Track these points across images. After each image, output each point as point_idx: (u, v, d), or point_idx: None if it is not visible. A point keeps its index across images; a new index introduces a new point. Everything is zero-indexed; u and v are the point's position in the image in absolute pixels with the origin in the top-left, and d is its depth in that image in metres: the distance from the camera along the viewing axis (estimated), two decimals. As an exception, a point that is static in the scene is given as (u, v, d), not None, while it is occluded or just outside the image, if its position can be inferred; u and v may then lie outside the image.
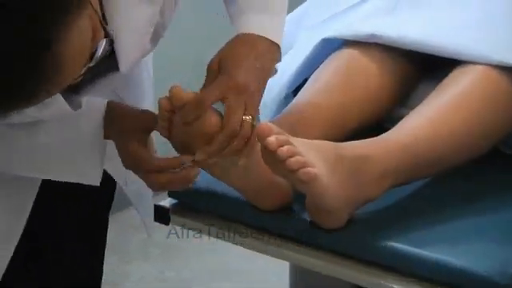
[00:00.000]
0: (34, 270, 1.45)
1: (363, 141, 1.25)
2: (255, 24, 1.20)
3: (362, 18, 1.46)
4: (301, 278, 1.72)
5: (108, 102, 1.23)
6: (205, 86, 1.18)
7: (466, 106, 1.30)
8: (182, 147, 1.19)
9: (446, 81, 1.35)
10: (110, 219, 1.55)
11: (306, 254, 1.24)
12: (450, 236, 1.20)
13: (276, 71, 1.24)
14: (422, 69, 1.47)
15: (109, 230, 1.56)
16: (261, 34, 1.19)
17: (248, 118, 1.15)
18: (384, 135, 1.27)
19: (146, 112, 1.23)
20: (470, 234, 1.20)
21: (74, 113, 1.18)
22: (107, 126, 1.22)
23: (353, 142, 1.25)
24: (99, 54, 1.00)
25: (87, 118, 1.21)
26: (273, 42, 1.21)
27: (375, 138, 1.26)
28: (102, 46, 1.01)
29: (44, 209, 1.37)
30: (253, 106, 1.16)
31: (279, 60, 1.23)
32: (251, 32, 1.19)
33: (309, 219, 1.22)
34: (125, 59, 1.18)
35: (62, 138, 1.21)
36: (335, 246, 1.21)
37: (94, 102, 1.22)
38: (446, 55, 1.37)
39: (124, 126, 1.22)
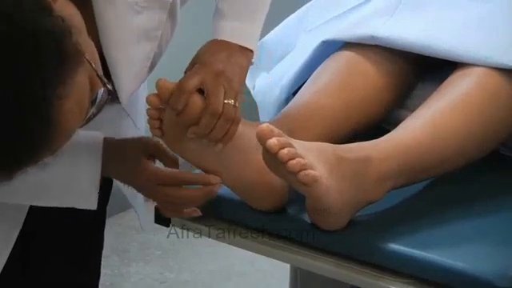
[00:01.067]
0: (31, 271, 1.45)
1: (364, 143, 1.25)
2: (229, 31, 1.24)
3: (362, 20, 1.46)
4: (301, 280, 1.72)
5: (104, 139, 1.25)
6: None
7: (466, 108, 1.30)
8: (174, 141, 1.22)
9: (447, 83, 1.35)
10: (110, 221, 1.55)
11: (307, 256, 1.23)
12: (450, 238, 1.20)
13: (252, 63, 1.27)
14: (422, 70, 1.48)
15: (109, 231, 1.56)
16: (233, 41, 1.23)
17: (230, 101, 1.18)
18: (385, 137, 1.27)
19: (142, 137, 1.27)
20: (470, 237, 1.20)
21: (72, 149, 1.18)
22: (106, 162, 1.24)
23: (353, 143, 1.25)
24: (99, 100, 1.01)
25: (85, 154, 1.23)
26: (245, 47, 1.24)
27: (376, 140, 1.26)
28: (101, 93, 1.01)
29: (40, 210, 1.37)
30: (232, 90, 1.19)
31: (253, 58, 1.26)
32: (224, 39, 1.23)
33: (309, 221, 1.22)
34: (125, 94, 1.23)
35: (59, 172, 1.21)
36: (336, 247, 1.21)
37: (92, 136, 1.24)
38: (446, 57, 1.37)
39: (127, 152, 1.25)
